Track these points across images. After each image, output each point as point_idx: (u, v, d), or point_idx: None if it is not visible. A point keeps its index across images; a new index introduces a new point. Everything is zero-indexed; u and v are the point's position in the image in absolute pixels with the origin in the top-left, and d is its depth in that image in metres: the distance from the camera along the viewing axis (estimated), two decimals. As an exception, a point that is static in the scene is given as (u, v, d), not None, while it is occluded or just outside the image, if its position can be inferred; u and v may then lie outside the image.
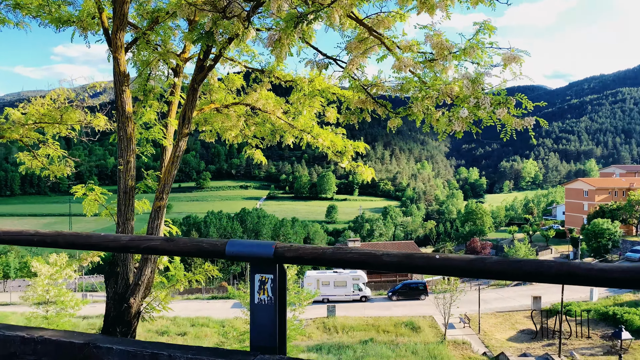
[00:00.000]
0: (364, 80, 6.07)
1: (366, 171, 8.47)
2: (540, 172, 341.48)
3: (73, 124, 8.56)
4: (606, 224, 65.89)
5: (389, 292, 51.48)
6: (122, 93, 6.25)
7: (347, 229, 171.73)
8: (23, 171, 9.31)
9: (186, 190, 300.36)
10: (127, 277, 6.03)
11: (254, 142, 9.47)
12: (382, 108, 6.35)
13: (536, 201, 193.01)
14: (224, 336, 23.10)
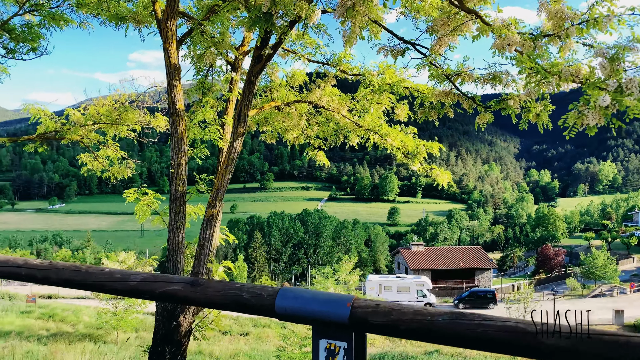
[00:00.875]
0: (447, 69, 5.23)
1: (442, 175, 7.58)
2: (619, 175, 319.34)
3: (131, 124, 8.33)
4: (700, 233, 59.92)
5: (455, 300, 49.45)
6: (172, 88, 5.81)
7: (409, 232, 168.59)
8: (85, 173, 9.24)
9: (250, 191, 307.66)
10: None
11: (316, 143, 8.84)
12: (469, 101, 5.47)
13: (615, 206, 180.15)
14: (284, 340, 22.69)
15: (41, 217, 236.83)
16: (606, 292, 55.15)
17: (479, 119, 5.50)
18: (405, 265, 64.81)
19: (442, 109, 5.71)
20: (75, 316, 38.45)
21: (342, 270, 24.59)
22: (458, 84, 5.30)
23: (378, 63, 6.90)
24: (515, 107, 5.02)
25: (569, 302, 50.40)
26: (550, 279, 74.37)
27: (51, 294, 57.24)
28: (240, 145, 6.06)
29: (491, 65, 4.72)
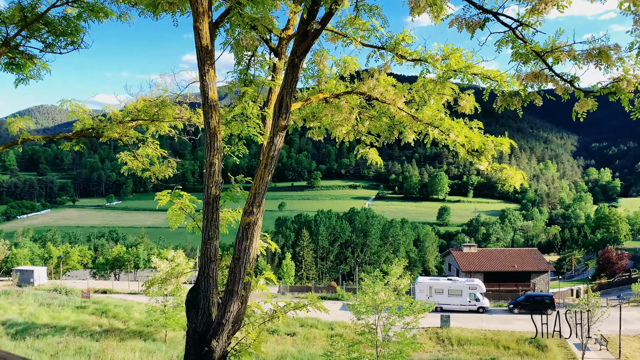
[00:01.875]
0: (535, 46, 4.30)
1: (515, 175, 6.55)
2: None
3: (170, 120, 7.81)
4: None
5: (510, 304, 47.19)
6: (204, 74, 5.16)
7: (460, 232, 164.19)
8: (125, 172, 8.85)
9: (298, 189, 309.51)
10: (208, 313, 4.93)
11: (368, 140, 8.00)
12: (563, 85, 4.50)
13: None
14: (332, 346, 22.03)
15: (99, 213, 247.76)
16: (677, 300, 51.11)
17: (578, 107, 4.52)
18: (456, 267, 62.69)
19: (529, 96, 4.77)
20: (127, 312, 39.46)
21: (392, 273, 23.62)
22: (550, 63, 4.36)
23: (442, 46, 6.01)
24: (629, 90, 4.04)
25: (636, 310, 47.09)
26: (613, 283, 70.04)
27: (106, 289, 59.24)
28: (281, 141, 5.32)
29: (595, 40, 3.79)
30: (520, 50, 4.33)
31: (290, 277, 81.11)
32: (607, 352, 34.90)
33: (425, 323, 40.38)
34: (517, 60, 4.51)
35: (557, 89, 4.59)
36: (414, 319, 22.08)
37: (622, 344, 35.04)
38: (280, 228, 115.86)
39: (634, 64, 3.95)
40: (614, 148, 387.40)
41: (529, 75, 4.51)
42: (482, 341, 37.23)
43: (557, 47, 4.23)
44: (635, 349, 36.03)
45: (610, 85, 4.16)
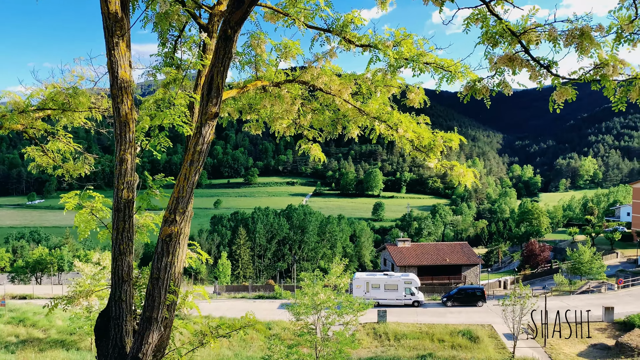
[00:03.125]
0: (511, 25, 3.83)
1: (466, 173, 6.19)
2: (599, 170, 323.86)
3: (84, 110, 6.78)
4: (685, 228, 59.96)
5: (444, 298, 48.57)
6: (113, 47, 4.28)
7: (394, 227, 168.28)
8: (33, 170, 7.70)
9: (234, 186, 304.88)
10: (121, 345, 4.08)
11: (310, 134, 7.37)
12: (541, 70, 4.09)
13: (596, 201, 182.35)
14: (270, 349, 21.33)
15: (19, 213, 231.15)
16: (594, 289, 54.84)
17: (557, 96, 4.13)
18: (391, 262, 63.83)
19: (498, 84, 4.34)
20: (48, 320, 36.42)
21: (332, 272, 23.27)
22: (526, 47, 3.93)
23: (394, 30, 5.49)
24: (614, 76, 3.69)
25: (558, 299, 49.93)
26: (537, 274, 74.18)
27: (26, 294, 54.91)
28: (211, 132, 4.50)
29: (577, 19, 3.39)
30: (491, 31, 3.89)
31: (226, 276, 79.28)
32: (533, 341, 36.63)
33: (362, 319, 40.57)
34: (486, 42, 4.07)
35: (531, 76, 4.19)
36: (353, 317, 21.86)
37: (547, 333, 36.91)
38: (216, 226, 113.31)
39: (610, 49, 3.64)
40: (535, 146, 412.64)
41: (502, 59, 4.07)
42: (418, 335, 37.94)
43: (533, 26, 3.82)
44: (560, 337, 38.06)
45: (593, 72, 3.82)
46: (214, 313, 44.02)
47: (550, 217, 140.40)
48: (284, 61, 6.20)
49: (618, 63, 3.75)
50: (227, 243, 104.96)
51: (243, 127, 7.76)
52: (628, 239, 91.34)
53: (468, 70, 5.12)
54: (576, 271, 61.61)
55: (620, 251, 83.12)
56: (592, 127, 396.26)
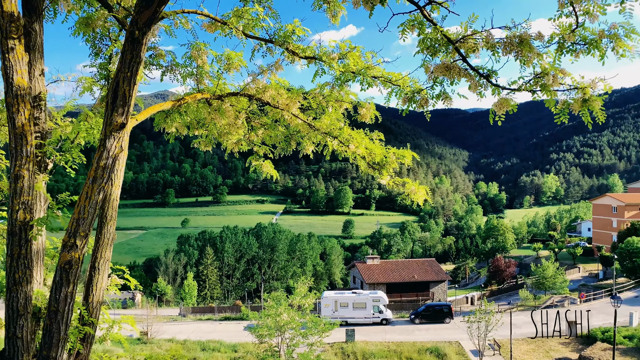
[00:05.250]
0: (446, 31, 3.66)
1: (418, 190, 6.01)
2: (561, 187, 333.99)
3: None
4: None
5: (412, 315, 48.51)
6: (8, 51, 3.92)
7: (364, 244, 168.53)
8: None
9: (203, 205, 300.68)
10: None
11: (261, 151, 7.09)
12: (480, 79, 3.94)
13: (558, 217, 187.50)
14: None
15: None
16: (557, 303, 55.83)
17: (496, 107, 3.97)
18: (360, 279, 63.58)
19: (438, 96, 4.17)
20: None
21: (297, 292, 22.80)
22: (463, 54, 3.77)
23: (339, 42, 5.31)
24: (554, 86, 3.55)
25: (523, 314, 50.53)
26: (503, 290, 75.16)
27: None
28: (118, 145, 4.10)
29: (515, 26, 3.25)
30: (428, 38, 3.72)
31: (192, 297, 77.28)
32: (500, 357, 36.81)
33: (331, 339, 40.03)
34: (425, 51, 3.91)
35: (471, 86, 4.05)
36: (319, 338, 21.37)
37: (512, 348, 37.18)
38: (183, 246, 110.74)
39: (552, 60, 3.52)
40: (499, 164, 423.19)
41: (439, 67, 3.92)
42: (386, 353, 37.62)
43: (472, 33, 3.67)
44: (524, 351, 38.40)
45: (533, 82, 3.70)
46: (178, 336, 42.72)
47: (515, 233, 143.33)
48: (227, 73, 5.96)
49: (558, 72, 3.65)
50: (194, 263, 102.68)
51: (192, 142, 7.43)
52: (589, 253, 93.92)
53: (417, 84, 4.98)
54: (540, 286, 62.71)
55: (582, 266, 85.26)
56: (554, 145, 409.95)
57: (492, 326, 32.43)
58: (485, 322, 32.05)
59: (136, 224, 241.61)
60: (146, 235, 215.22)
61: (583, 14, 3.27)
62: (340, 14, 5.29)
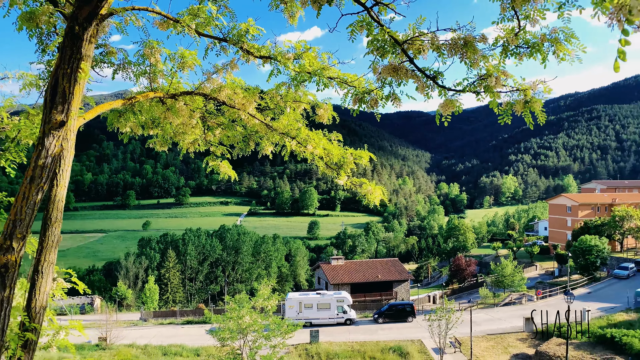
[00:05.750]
0: (393, 32, 3.71)
1: (375, 191, 6.06)
2: (519, 187, 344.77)
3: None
4: (594, 241, 64.65)
5: (375, 314, 48.96)
6: None
7: (329, 245, 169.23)
8: None
9: (165, 207, 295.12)
10: None
11: (218, 151, 6.99)
12: (427, 80, 4.00)
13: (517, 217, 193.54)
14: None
15: None
16: (516, 300, 57.52)
17: (442, 108, 4.05)
18: (325, 280, 63.77)
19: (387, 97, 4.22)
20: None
21: (260, 295, 22.65)
22: (411, 56, 3.83)
23: (294, 43, 5.30)
24: (497, 88, 3.65)
25: (483, 312, 51.82)
26: (464, 288, 76.85)
27: None
28: (59, 143, 3.92)
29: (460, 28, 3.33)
30: (377, 39, 3.76)
31: (154, 301, 75.68)
32: (460, 354, 37.61)
33: (295, 340, 39.96)
34: (375, 52, 3.95)
35: (418, 87, 4.12)
36: (282, 340, 21.29)
37: (472, 345, 38.08)
38: (144, 249, 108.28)
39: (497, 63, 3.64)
40: (460, 165, 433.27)
41: (386, 68, 3.98)
42: (350, 354, 37.85)
43: (418, 35, 3.73)
44: (484, 348, 39.36)
45: (477, 83, 3.80)
46: (138, 341, 41.71)
47: (475, 232, 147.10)
48: (182, 72, 5.85)
49: (501, 74, 3.76)
50: (156, 266, 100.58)
51: (147, 142, 7.27)
52: (546, 252, 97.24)
53: (372, 85, 5.03)
54: (500, 284, 64.51)
55: (539, 264, 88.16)
56: (512, 147, 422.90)
57: (452, 324, 33.10)
58: (446, 320, 32.68)
59: (95, 226, 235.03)
60: (106, 239, 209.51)
61: (524, 17, 3.41)
62: (297, 14, 5.28)
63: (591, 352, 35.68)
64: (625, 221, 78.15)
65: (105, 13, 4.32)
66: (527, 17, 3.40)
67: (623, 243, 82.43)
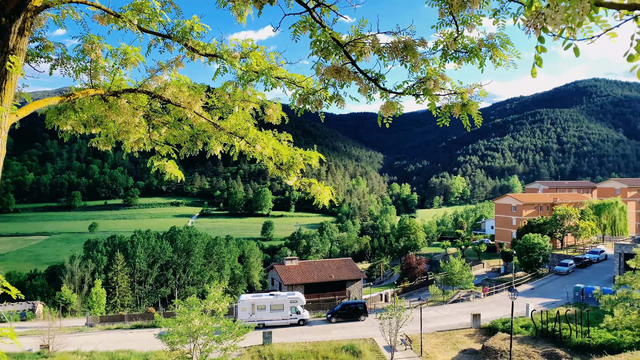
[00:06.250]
0: (335, 34, 3.73)
1: (323, 191, 6.09)
2: (467, 187, 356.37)
3: None
4: (537, 239, 67.63)
5: (328, 314, 49.22)
6: None
7: (283, 245, 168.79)
8: None
9: (112, 208, 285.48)
10: None
11: (164, 150, 6.81)
12: (368, 82, 4.05)
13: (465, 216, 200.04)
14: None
15: None
16: (464, 297, 59.33)
17: (383, 110, 4.11)
18: (279, 281, 63.55)
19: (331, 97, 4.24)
20: None
21: (210, 297, 22.28)
22: (353, 58, 3.87)
23: (241, 41, 5.25)
24: (435, 91, 3.75)
25: (432, 310, 53.14)
26: (414, 286, 78.54)
27: None
28: None
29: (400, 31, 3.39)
30: (320, 40, 3.78)
31: (101, 306, 72.96)
32: (411, 351, 38.40)
33: (247, 342, 39.58)
34: (319, 54, 3.98)
35: (361, 89, 4.18)
36: (233, 342, 21.03)
37: (423, 342, 38.97)
38: (91, 252, 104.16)
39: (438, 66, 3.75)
40: (412, 166, 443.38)
41: (329, 70, 4.01)
42: (303, 354, 37.85)
43: (359, 37, 3.78)
44: (434, 345, 40.35)
45: (416, 86, 3.90)
46: (83, 347, 40.11)
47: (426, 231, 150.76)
48: (125, 68, 5.66)
49: (439, 78, 3.88)
50: (103, 270, 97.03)
51: (90, 141, 6.99)
52: (492, 250, 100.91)
53: (319, 86, 5.05)
54: (449, 282, 66.37)
55: (486, 261, 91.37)
56: (461, 148, 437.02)
57: (403, 322, 33.74)
58: (397, 318, 33.28)
59: (38, 229, 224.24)
60: (49, 241, 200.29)
61: (462, 23, 3.54)
62: (246, 13, 5.23)
63: (534, 345, 37.27)
64: (565, 220, 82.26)
65: (39, 5, 4.13)
66: (465, 23, 3.54)
67: (563, 241, 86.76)
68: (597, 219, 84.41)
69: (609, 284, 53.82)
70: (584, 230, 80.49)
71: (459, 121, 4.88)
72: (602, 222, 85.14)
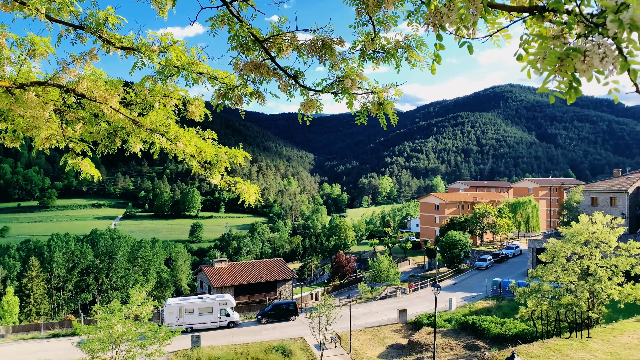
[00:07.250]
0: (254, 29, 3.69)
1: (248, 190, 6.02)
2: (394, 187, 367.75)
3: None
4: (458, 236, 71.05)
5: (259, 315, 48.88)
6: None
7: (212, 247, 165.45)
8: None
9: (27, 210, 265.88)
10: None
11: (78, 148, 6.44)
12: (288, 80, 4.05)
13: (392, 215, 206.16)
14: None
15: None
16: (391, 294, 61.16)
17: (304, 108, 4.14)
18: (207, 284, 62.19)
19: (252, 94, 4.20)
20: None
21: (133, 302, 21.37)
22: (273, 55, 3.87)
23: (160, 35, 5.08)
24: (353, 89, 3.82)
25: (361, 306, 54.31)
26: (345, 284, 79.87)
27: None
28: None
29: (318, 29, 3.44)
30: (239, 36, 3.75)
31: (13, 315, 67.82)
32: (340, 349, 39.01)
33: (174, 346, 38.45)
34: (238, 49, 3.94)
35: (281, 86, 4.19)
36: (158, 347, 20.31)
37: (352, 339, 39.71)
38: (2, 257, 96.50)
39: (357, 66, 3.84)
40: (342, 166, 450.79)
41: (248, 65, 3.98)
42: (233, 356, 37.31)
43: (278, 34, 3.80)
44: (363, 341, 41.23)
45: (335, 84, 3.97)
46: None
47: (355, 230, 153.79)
48: (33, 60, 5.28)
49: (356, 77, 4.00)
50: (16, 276, 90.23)
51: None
52: (417, 247, 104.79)
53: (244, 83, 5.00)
54: (377, 279, 68.13)
55: (411, 258, 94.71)
56: (388, 150, 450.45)
57: (332, 320, 34.19)
58: (326, 316, 33.67)
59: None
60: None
61: (378, 23, 3.66)
62: (167, 7, 5.07)
63: (456, 338, 39.12)
64: (484, 217, 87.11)
65: None
66: (381, 23, 3.66)
67: (483, 237, 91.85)
68: (512, 216, 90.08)
69: (523, 278, 57.58)
70: (501, 227, 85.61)
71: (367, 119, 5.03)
72: (518, 220, 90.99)
